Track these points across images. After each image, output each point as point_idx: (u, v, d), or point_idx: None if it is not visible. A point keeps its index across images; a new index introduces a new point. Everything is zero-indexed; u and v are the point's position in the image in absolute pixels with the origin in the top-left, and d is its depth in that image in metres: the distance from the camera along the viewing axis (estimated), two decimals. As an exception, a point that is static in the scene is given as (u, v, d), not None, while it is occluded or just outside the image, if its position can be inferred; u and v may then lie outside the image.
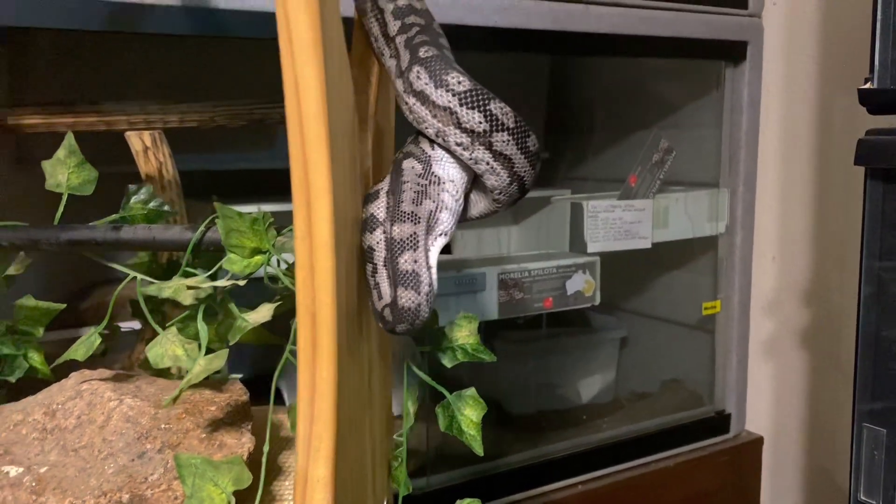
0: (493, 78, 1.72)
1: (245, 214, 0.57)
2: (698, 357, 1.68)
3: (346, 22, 0.56)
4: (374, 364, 0.63)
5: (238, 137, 1.55)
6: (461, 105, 0.55)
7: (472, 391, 0.61)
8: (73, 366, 0.70)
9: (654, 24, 1.42)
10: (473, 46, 1.33)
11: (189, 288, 0.58)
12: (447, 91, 0.55)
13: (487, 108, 0.55)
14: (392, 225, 0.54)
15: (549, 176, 1.74)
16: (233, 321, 0.59)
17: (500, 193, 0.59)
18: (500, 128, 0.56)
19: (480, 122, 0.55)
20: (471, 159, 0.57)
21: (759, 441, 1.64)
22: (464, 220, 0.62)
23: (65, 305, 0.74)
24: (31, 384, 0.75)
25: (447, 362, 0.62)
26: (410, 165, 0.57)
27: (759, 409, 1.67)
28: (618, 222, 1.47)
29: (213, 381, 0.70)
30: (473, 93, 0.55)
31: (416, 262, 0.54)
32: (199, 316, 0.59)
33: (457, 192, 0.57)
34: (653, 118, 1.65)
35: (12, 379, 0.76)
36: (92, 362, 0.70)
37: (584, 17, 1.34)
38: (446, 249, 0.60)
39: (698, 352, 1.67)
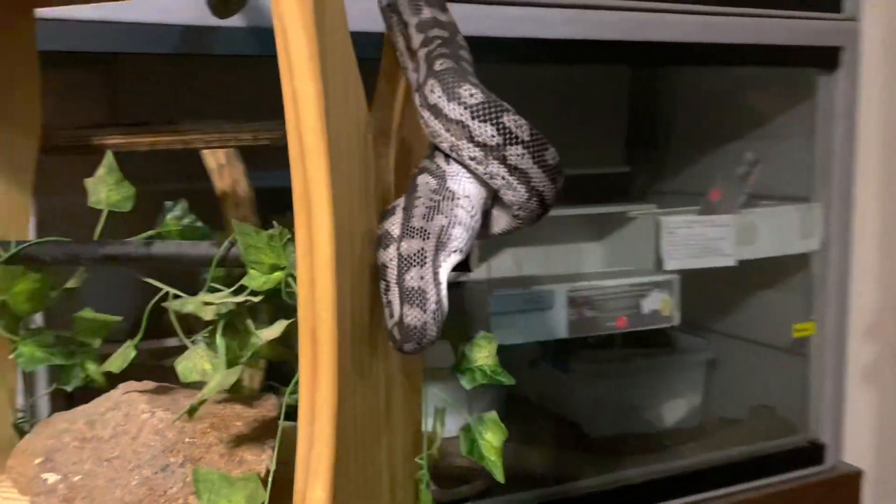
0: (572, 90, 1.69)
1: (262, 231, 0.57)
2: (790, 382, 1.58)
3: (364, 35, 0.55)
4: (394, 383, 0.61)
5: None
6: (473, 118, 0.53)
7: (493, 415, 0.59)
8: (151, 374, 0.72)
9: (738, 31, 1.35)
10: (544, 59, 1.31)
11: (206, 304, 0.59)
12: (459, 104, 0.53)
13: (500, 120, 0.53)
14: (401, 241, 0.53)
15: (629, 190, 1.69)
16: (249, 337, 0.60)
17: (519, 209, 0.57)
18: (513, 141, 0.53)
19: (493, 136, 0.53)
20: (486, 174, 0.55)
21: (857, 475, 1.53)
22: (486, 236, 0.60)
23: (121, 318, 0.77)
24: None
25: (466, 384, 0.60)
26: (425, 181, 0.56)
27: (859, 439, 1.56)
28: (698, 239, 1.40)
29: (245, 396, 0.70)
30: (486, 105, 0.53)
31: (422, 278, 0.52)
32: (219, 331, 0.60)
33: (472, 207, 0.55)
34: (740, 129, 1.57)
35: (68, 388, 0.79)
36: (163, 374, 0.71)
37: (659, 26, 1.29)
38: (464, 266, 0.59)
39: (790, 376, 1.57)
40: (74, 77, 1.38)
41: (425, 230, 0.53)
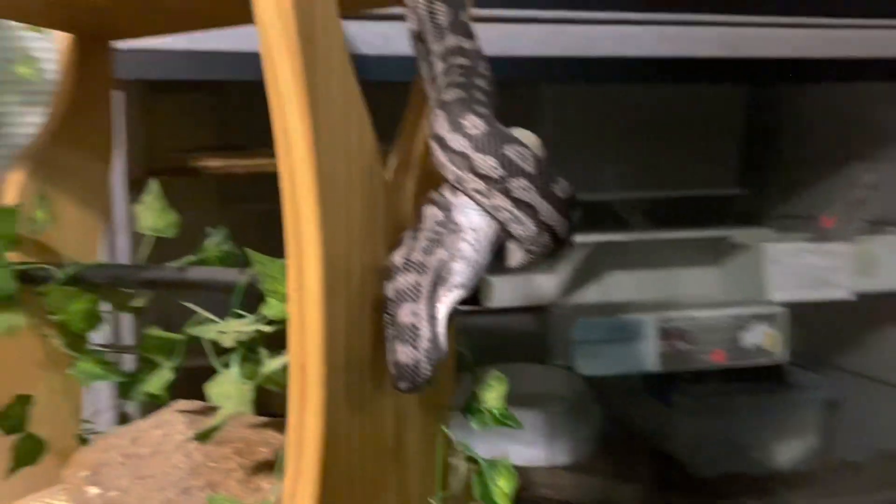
0: (684, 110, 1.61)
1: (277, 260, 0.57)
2: (921, 427, 1.43)
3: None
4: (407, 418, 0.60)
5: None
6: (475, 150, 0.51)
7: (506, 461, 0.56)
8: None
9: (861, 45, 1.25)
10: (637, 79, 1.26)
11: (222, 332, 0.60)
12: (462, 135, 0.51)
13: (502, 151, 0.51)
14: (398, 275, 0.52)
15: (739, 213, 1.59)
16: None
17: (530, 244, 0.54)
18: (516, 173, 0.51)
19: (495, 168, 0.51)
20: (491, 207, 0.53)
21: None
22: (503, 270, 0.58)
23: (185, 337, 0.80)
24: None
25: (476, 425, 0.58)
26: (432, 213, 0.55)
27: None
28: (808, 268, 1.30)
29: (280, 421, 0.71)
30: (488, 136, 0.51)
31: (415, 314, 0.50)
32: (235, 359, 0.61)
33: (478, 241, 0.53)
34: (860, 150, 1.45)
35: (131, 404, 0.83)
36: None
37: (766, 41, 1.21)
38: (474, 301, 0.57)
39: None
40: (184, 103, 1.46)
41: (423, 264, 0.51)
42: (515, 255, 0.56)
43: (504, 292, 1.61)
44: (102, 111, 0.83)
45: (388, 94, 0.73)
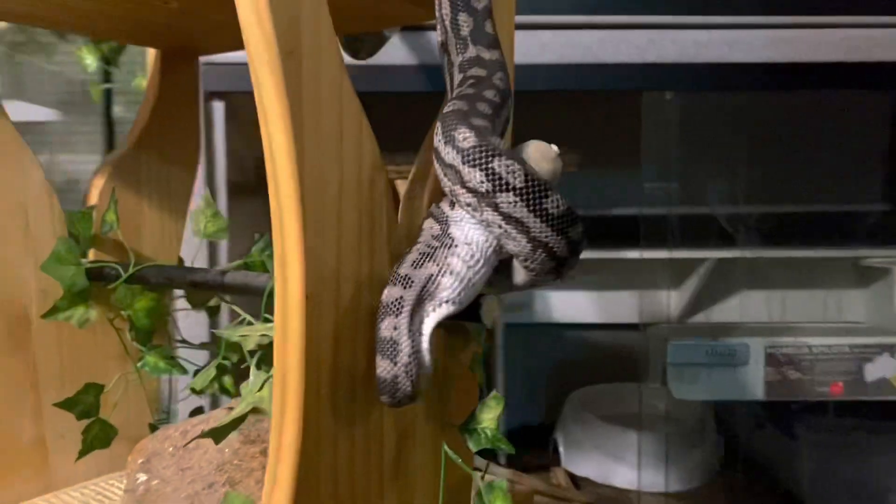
0: (827, 119, 1.48)
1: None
2: None
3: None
4: (415, 434, 0.59)
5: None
6: (463, 163, 0.50)
7: (502, 483, 0.54)
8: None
9: None
10: (752, 86, 1.18)
11: (244, 336, 0.62)
12: (453, 148, 0.50)
13: (490, 165, 0.49)
14: (386, 287, 0.51)
15: (880, 233, 1.44)
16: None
17: (526, 261, 0.52)
18: (503, 188, 0.49)
19: (482, 182, 0.49)
20: (482, 221, 0.51)
21: None
22: (510, 289, 0.56)
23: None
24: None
25: (473, 445, 0.56)
26: (429, 226, 0.54)
27: None
28: (951, 297, 1.16)
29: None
30: (477, 149, 0.49)
31: (395, 328, 0.50)
32: (253, 362, 0.62)
33: (472, 256, 0.51)
34: None
35: (201, 398, 0.87)
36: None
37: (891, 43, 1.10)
38: (475, 317, 0.55)
39: None
40: None
41: (409, 278, 0.50)
42: (520, 273, 0.54)
43: (619, 307, 1.56)
44: (188, 121, 0.88)
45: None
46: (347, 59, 0.91)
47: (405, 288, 0.50)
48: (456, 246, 0.52)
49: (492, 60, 0.58)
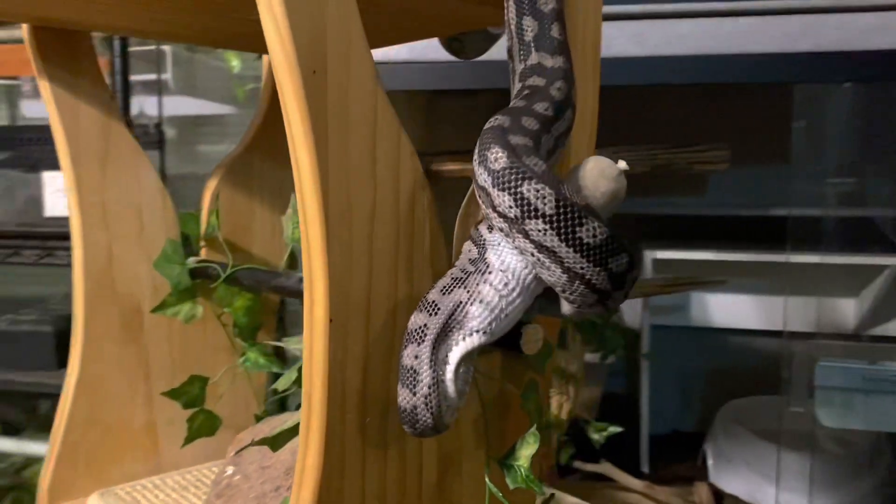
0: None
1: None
2: None
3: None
4: (461, 462, 0.56)
5: (662, 182, 1.49)
6: (493, 185, 0.46)
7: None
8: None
9: None
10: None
11: (297, 346, 0.62)
12: (485, 169, 0.47)
13: (518, 189, 0.45)
14: (413, 314, 0.49)
15: None
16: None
17: (566, 293, 0.47)
18: (532, 214, 0.45)
19: (511, 207, 0.45)
20: (516, 248, 0.47)
21: None
22: (561, 317, 0.52)
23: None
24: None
25: (510, 481, 0.52)
26: (468, 248, 0.51)
27: None
28: None
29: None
30: (507, 171, 0.45)
31: (416, 357, 0.47)
32: (293, 368, 0.62)
33: (506, 284, 0.48)
34: None
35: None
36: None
37: None
38: (516, 346, 0.51)
39: None
40: (429, 108, 1.51)
41: (436, 305, 0.48)
42: (566, 304, 0.50)
43: (772, 313, 1.44)
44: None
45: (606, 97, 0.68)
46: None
47: (431, 315, 0.48)
48: (490, 273, 0.48)
49: (553, 68, 0.54)
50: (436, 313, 0.48)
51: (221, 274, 0.78)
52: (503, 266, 0.48)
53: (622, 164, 0.52)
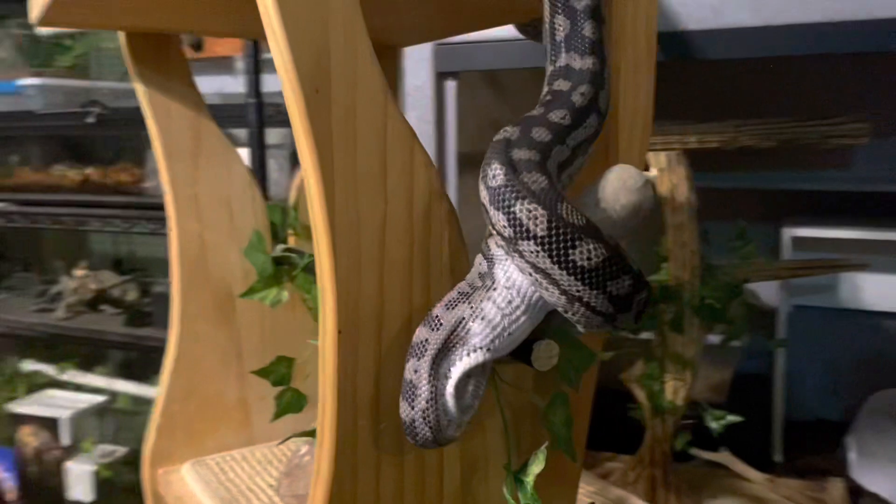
0: None
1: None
2: None
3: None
4: (488, 468, 0.56)
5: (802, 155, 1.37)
6: (490, 203, 0.45)
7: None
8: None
9: None
10: None
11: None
12: (484, 186, 0.45)
13: (512, 210, 0.43)
14: (418, 327, 0.49)
15: None
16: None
17: (567, 313, 0.45)
18: (525, 235, 0.43)
19: (505, 227, 0.44)
20: (517, 267, 0.46)
21: None
22: (577, 334, 0.50)
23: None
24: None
25: (521, 496, 0.51)
26: (479, 261, 0.50)
27: None
28: None
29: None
30: (502, 189, 0.44)
31: (416, 371, 0.47)
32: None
33: (509, 302, 0.46)
34: None
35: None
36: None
37: None
38: (527, 361, 0.50)
39: None
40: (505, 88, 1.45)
41: (439, 320, 0.48)
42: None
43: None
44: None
45: (717, 71, 0.65)
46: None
47: (433, 330, 0.48)
48: (494, 289, 0.47)
49: (581, 70, 0.51)
50: (438, 328, 0.48)
51: (299, 263, 0.81)
52: (508, 283, 0.47)
53: (652, 173, 0.49)
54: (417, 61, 1.13)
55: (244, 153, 1.53)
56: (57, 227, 1.76)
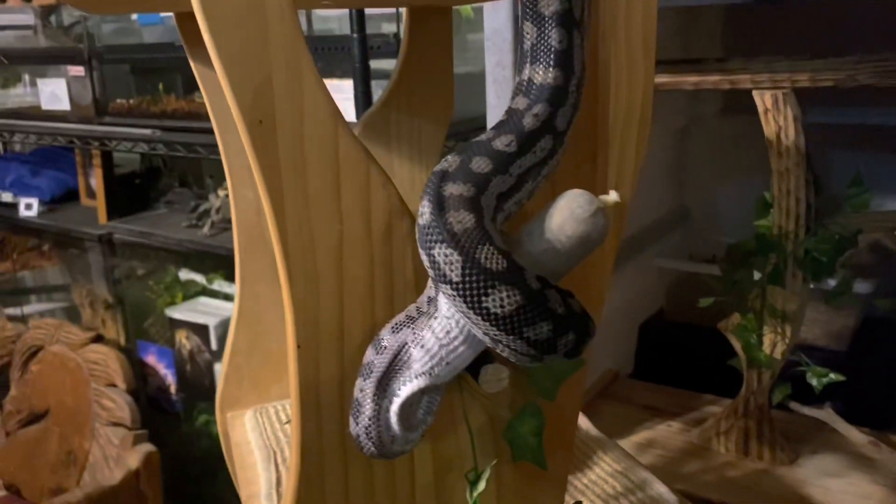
0: None
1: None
2: None
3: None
4: (455, 467, 0.57)
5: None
6: (418, 241, 0.44)
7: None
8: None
9: None
10: None
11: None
12: (419, 218, 0.45)
13: (432, 252, 0.43)
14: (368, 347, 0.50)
15: None
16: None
17: (500, 352, 0.45)
18: (442, 279, 0.43)
19: (429, 266, 0.44)
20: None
21: None
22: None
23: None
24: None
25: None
26: (430, 284, 0.50)
27: None
28: None
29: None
30: (426, 230, 0.43)
31: (362, 391, 0.49)
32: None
33: (447, 333, 0.46)
34: None
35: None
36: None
37: None
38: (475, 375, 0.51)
39: None
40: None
41: (383, 344, 0.49)
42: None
43: None
44: (440, 76, 0.90)
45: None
46: None
47: (377, 353, 0.49)
48: (435, 318, 0.48)
49: (542, 85, 0.48)
50: (382, 352, 0.49)
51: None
52: (448, 312, 0.47)
53: (612, 197, 0.47)
54: (495, 4, 1.09)
55: (348, 85, 1.57)
56: (192, 155, 1.89)
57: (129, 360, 2.29)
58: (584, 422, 0.85)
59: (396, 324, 0.49)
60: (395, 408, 0.49)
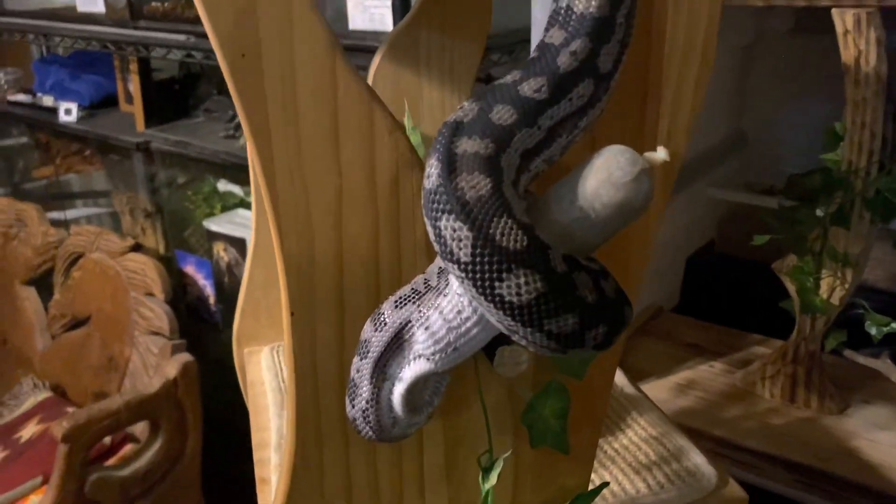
0: None
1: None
2: None
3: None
4: (477, 441, 0.52)
5: None
6: (423, 209, 0.37)
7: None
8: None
9: None
10: None
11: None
12: (424, 185, 0.38)
13: (437, 224, 0.36)
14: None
15: None
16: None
17: (516, 337, 0.38)
18: (449, 257, 0.36)
19: (435, 241, 0.37)
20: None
21: None
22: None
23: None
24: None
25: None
26: (437, 259, 0.43)
27: None
28: None
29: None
30: (432, 196, 0.36)
31: (358, 371, 0.43)
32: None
33: (458, 313, 0.39)
34: None
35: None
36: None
37: None
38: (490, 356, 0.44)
39: None
40: None
41: (384, 320, 0.42)
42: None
43: None
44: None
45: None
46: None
47: (377, 330, 0.43)
48: (445, 295, 0.41)
49: (582, 16, 0.40)
50: (382, 328, 0.43)
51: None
52: (460, 289, 0.40)
53: (660, 155, 0.39)
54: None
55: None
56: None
57: (168, 270, 2.28)
58: (618, 377, 0.79)
59: (400, 298, 0.43)
60: (398, 391, 0.43)
